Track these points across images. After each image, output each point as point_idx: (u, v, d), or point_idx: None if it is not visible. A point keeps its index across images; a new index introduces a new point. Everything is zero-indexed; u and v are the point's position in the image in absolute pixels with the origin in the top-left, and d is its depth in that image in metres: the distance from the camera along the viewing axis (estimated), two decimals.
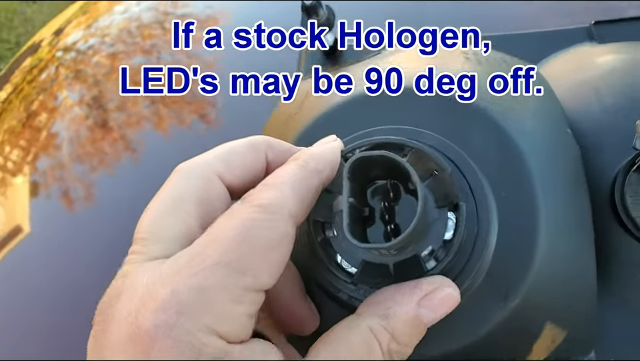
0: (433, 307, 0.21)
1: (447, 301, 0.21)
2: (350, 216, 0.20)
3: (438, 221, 0.22)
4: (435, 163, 0.22)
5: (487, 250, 0.22)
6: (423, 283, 0.21)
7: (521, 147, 0.24)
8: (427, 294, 0.21)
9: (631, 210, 0.27)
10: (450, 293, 0.21)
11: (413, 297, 0.21)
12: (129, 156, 0.57)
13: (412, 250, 0.22)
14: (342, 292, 0.23)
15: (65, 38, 0.77)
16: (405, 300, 0.20)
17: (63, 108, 0.64)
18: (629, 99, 0.30)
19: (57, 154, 0.59)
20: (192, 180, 0.22)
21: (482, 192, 0.23)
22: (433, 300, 0.21)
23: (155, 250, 0.20)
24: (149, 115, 0.60)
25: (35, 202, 0.56)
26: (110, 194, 0.54)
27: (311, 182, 0.21)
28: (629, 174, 0.28)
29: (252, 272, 0.18)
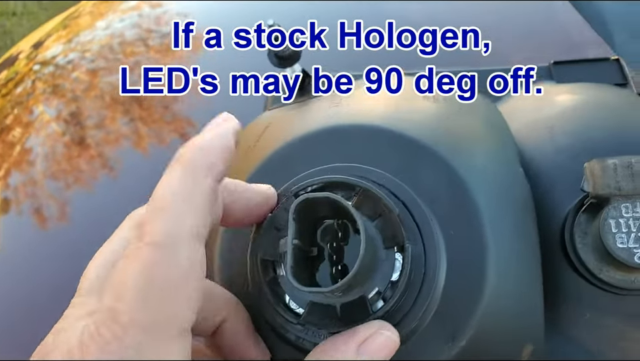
0: (372, 352, 0.21)
1: (385, 345, 0.21)
2: (294, 258, 0.20)
3: (385, 262, 0.22)
4: (383, 204, 0.22)
5: (435, 289, 0.23)
6: (360, 329, 0.21)
7: (470, 186, 0.25)
8: (365, 339, 0.21)
9: (580, 250, 0.28)
10: (388, 336, 0.21)
11: (351, 344, 0.20)
12: (106, 174, 0.56)
13: (358, 291, 0.22)
14: (290, 333, 0.23)
15: (44, 52, 0.76)
16: (344, 348, 0.20)
17: (39, 123, 0.63)
18: (580, 141, 0.31)
19: (30, 170, 0.58)
20: None
21: (430, 232, 0.23)
22: (371, 346, 0.21)
23: (94, 303, 0.19)
24: (128, 133, 0.59)
25: (5, 219, 0.54)
26: (85, 213, 0.53)
27: (204, 185, 0.19)
28: (578, 215, 0.28)
29: (166, 321, 0.17)
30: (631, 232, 0.25)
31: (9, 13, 2.42)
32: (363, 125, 0.27)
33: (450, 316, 0.23)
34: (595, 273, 0.27)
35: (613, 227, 0.25)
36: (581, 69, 0.40)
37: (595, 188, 0.26)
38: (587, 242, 0.28)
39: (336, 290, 0.19)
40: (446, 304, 0.23)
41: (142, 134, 0.58)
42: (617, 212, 0.25)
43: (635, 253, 0.25)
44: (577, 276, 0.28)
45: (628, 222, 0.25)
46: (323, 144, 0.27)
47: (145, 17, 0.78)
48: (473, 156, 0.26)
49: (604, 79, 0.39)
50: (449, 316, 0.23)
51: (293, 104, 0.36)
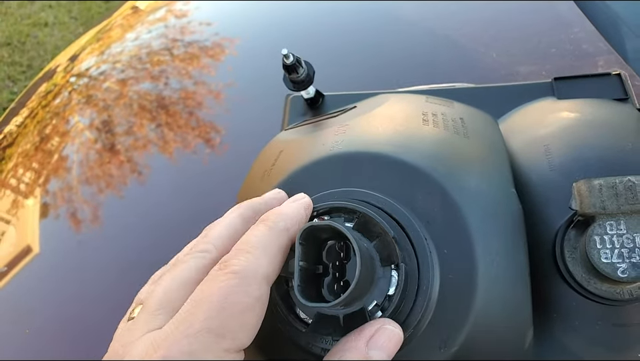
0: (380, 346, 0.22)
1: (391, 338, 0.23)
2: (300, 277, 0.23)
3: (382, 278, 0.25)
4: (380, 227, 0.25)
5: (428, 301, 0.25)
6: (366, 327, 0.23)
7: (462, 207, 0.27)
8: (372, 335, 0.23)
9: (569, 263, 0.29)
10: (392, 330, 0.23)
11: (360, 341, 0.23)
12: (135, 178, 0.59)
13: (359, 304, 0.24)
14: (301, 339, 0.26)
15: (79, 65, 0.80)
16: (354, 345, 0.23)
17: (74, 132, 0.67)
18: (573, 160, 0.32)
19: (67, 177, 0.61)
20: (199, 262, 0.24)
21: (424, 250, 0.26)
22: (379, 340, 0.23)
23: (162, 321, 0.22)
24: (155, 139, 0.62)
25: (44, 223, 0.58)
26: (116, 215, 0.56)
27: (281, 241, 0.24)
28: (568, 231, 0.30)
29: (231, 335, 0.20)
30: (615, 248, 0.27)
31: (41, 24, 2.53)
32: (365, 153, 0.29)
33: (443, 324, 0.25)
34: (583, 285, 0.29)
35: (598, 243, 0.27)
36: (581, 85, 0.41)
37: (581, 207, 0.27)
38: (575, 256, 0.29)
39: (336, 305, 0.22)
40: (439, 314, 0.25)
41: (168, 139, 0.61)
42: (602, 229, 0.27)
43: (618, 267, 0.26)
44: (567, 287, 0.30)
45: (612, 239, 0.27)
46: (330, 170, 0.29)
47: (171, 27, 0.81)
48: (467, 179, 0.28)
49: (605, 94, 0.39)
50: (442, 325, 0.25)
51: (306, 124, 0.39)
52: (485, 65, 0.53)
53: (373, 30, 0.64)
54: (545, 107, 0.39)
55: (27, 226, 0.58)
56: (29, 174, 0.65)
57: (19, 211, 0.61)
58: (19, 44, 2.43)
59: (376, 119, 0.33)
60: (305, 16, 0.71)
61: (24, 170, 0.66)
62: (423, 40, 0.61)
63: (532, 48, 0.55)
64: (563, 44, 0.53)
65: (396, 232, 0.25)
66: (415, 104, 0.36)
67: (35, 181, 0.63)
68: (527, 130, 0.37)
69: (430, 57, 0.58)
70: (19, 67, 2.32)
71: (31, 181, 0.64)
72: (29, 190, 0.63)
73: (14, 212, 0.61)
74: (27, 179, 0.64)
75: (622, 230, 0.27)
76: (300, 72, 0.40)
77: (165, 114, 0.64)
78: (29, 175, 0.65)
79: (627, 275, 0.26)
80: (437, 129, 0.32)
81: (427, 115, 0.33)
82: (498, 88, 0.43)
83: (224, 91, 0.65)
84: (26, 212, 0.60)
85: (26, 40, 2.45)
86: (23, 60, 2.35)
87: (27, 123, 0.73)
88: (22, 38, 2.46)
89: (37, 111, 0.75)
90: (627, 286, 0.28)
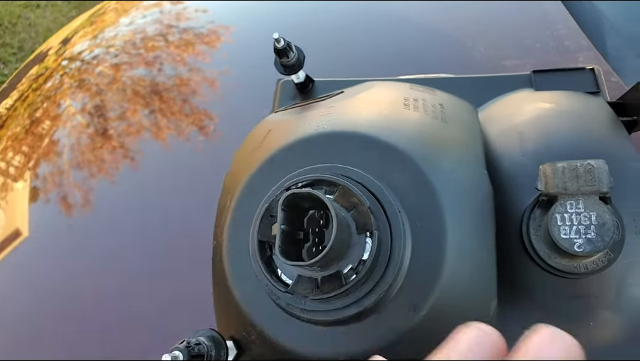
0: None
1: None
2: (282, 240, 0.25)
3: (358, 245, 0.27)
4: (357, 198, 0.27)
5: (400, 267, 0.27)
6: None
7: (435, 185, 0.29)
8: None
9: (533, 240, 0.32)
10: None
11: None
12: (128, 164, 0.59)
13: (335, 267, 0.27)
14: (281, 300, 0.28)
15: (72, 48, 0.79)
16: None
17: (65, 115, 0.66)
18: (544, 146, 0.35)
19: (57, 161, 0.61)
20: None
21: (397, 221, 0.28)
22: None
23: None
24: (148, 125, 0.62)
25: (34, 206, 0.58)
26: (107, 200, 0.56)
27: None
28: (534, 210, 0.32)
29: None
30: (573, 225, 0.29)
31: (33, 5, 2.49)
32: (347, 132, 0.31)
33: (413, 290, 0.28)
34: (545, 259, 0.31)
35: (558, 220, 0.29)
36: (558, 78, 0.43)
37: (546, 187, 0.30)
38: (539, 234, 0.32)
39: (313, 264, 0.24)
40: (409, 280, 0.28)
41: (161, 126, 0.61)
42: (563, 208, 0.29)
43: (575, 242, 0.29)
44: (531, 262, 0.32)
45: (571, 217, 0.29)
46: (314, 147, 0.31)
47: (166, 13, 0.80)
48: (442, 160, 0.31)
49: (579, 87, 0.42)
50: (412, 290, 0.28)
51: (296, 107, 0.40)
52: (473, 58, 0.55)
53: (364, 23, 0.64)
54: (523, 98, 0.42)
55: (17, 209, 0.58)
56: (18, 158, 0.64)
57: (8, 194, 0.61)
58: (10, 26, 2.39)
59: (361, 103, 0.35)
60: (300, 8, 0.71)
61: (13, 153, 0.65)
62: (413, 34, 0.61)
63: (517, 44, 0.56)
64: (547, 40, 0.55)
65: (372, 204, 0.27)
66: (399, 90, 0.38)
67: (25, 164, 0.63)
68: (505, 119, 0.39)
69: (420, 50, 0.59)
70: (10, 49, 2.28)
71: (20, 164, 0.63)
72: (19, 173, 0.62)
73: (3, 195, 0.61)
74: (17, 162, 0.64)
75: (580, 208, 0.29)
76: (290, 56, 0.42)
77: (158, 101, 0.64)
78: (18, 158, 0.64)
79: (582, 249, 0.29)
80: (417, 113, 0.34)
81: (408, 100, 0.35)
82: (480, 79, 0.45)
83: (219, 79, 0.65)
84: (15, 196, 0.60)
85: (17, 22, 2.41)
86: (14, 42, 2.31)
87: (17, 106, 0.72)
88: (13, 19, 2.42)
89: (27, 94, 0.74)
90: (583, 260, 0.30)
